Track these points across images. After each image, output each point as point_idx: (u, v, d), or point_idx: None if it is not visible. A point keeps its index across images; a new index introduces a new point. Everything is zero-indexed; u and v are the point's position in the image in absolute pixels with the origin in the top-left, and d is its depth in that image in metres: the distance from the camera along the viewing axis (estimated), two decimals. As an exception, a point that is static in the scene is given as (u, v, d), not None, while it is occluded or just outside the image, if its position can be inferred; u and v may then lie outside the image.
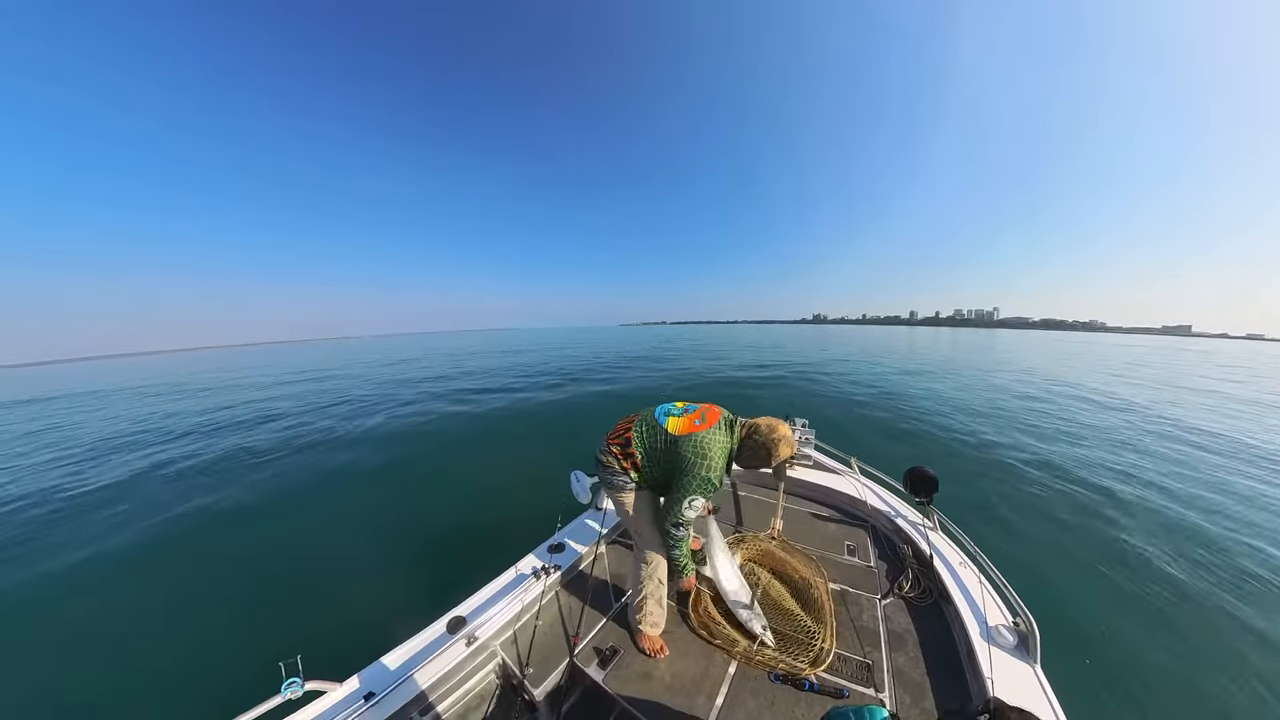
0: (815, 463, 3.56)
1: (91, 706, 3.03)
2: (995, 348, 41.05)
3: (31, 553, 5.20)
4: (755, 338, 58.91)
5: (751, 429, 1.85)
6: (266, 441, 9.76)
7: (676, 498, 1.77)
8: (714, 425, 1.81)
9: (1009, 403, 11.82)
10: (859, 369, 19.53)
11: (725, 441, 1.80)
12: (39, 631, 3.83)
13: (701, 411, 1.87)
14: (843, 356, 26.22)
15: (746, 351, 30.76)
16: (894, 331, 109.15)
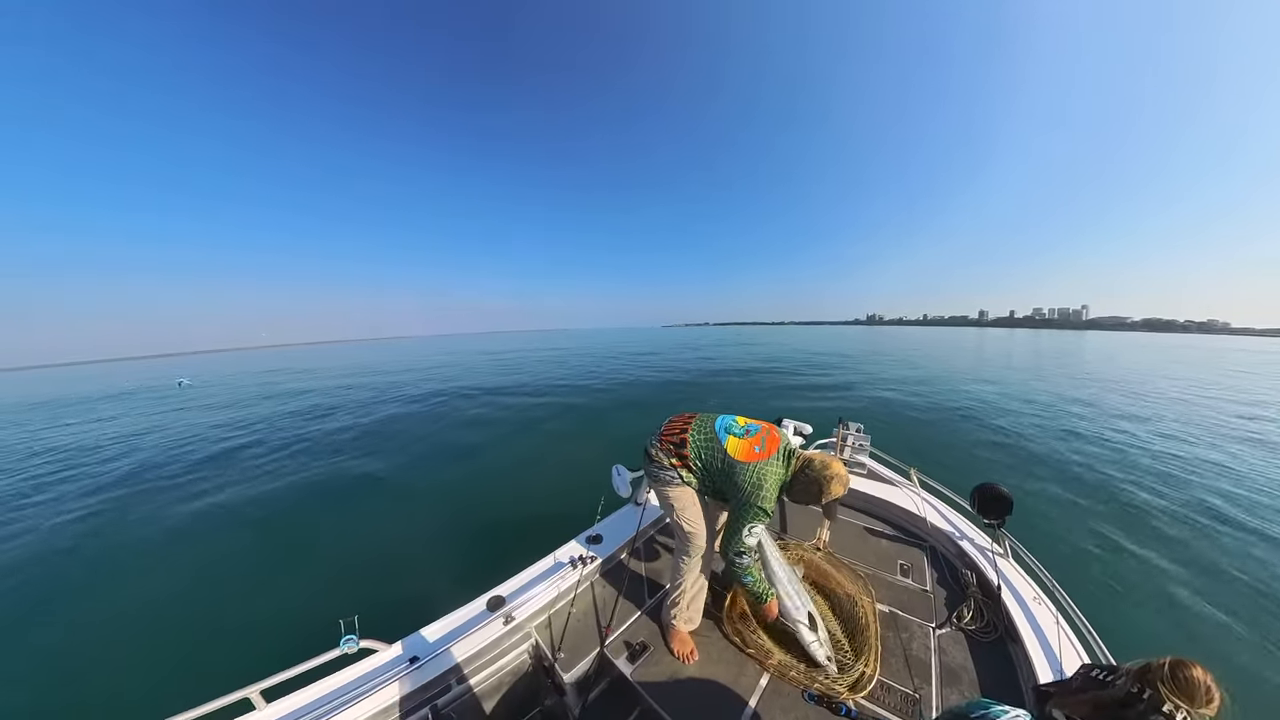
0: (869, 471, 3.26)
1: (214, 614, 3.73)
2: (1080, 352, 36.19)
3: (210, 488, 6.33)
4: (805, 339, 56.26)
5: (806, 463, 1.77)
6: (357, 427, 10.92)
7: (735, 526, 1.73)
8: (773, 455, 1.75)
9: (1096, 419, 10.35)
10: (918, 373, 18.04)
11: (780, 474, 1.75)
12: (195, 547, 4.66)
13: (762, 436, 1.81)
14: (902, 358, 24.42)
15: (797, 354, 29.34)
16: (961, 333, 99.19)
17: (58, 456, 10.21)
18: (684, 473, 1.83)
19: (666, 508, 1.90)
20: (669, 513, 1.89)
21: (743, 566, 1.78)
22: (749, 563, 1.78)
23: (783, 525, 2.76)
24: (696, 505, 1.87)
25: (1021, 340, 66.53)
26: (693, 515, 1.86)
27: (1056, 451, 7.41)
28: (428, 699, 1.64)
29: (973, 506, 2.26)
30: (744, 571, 1.79)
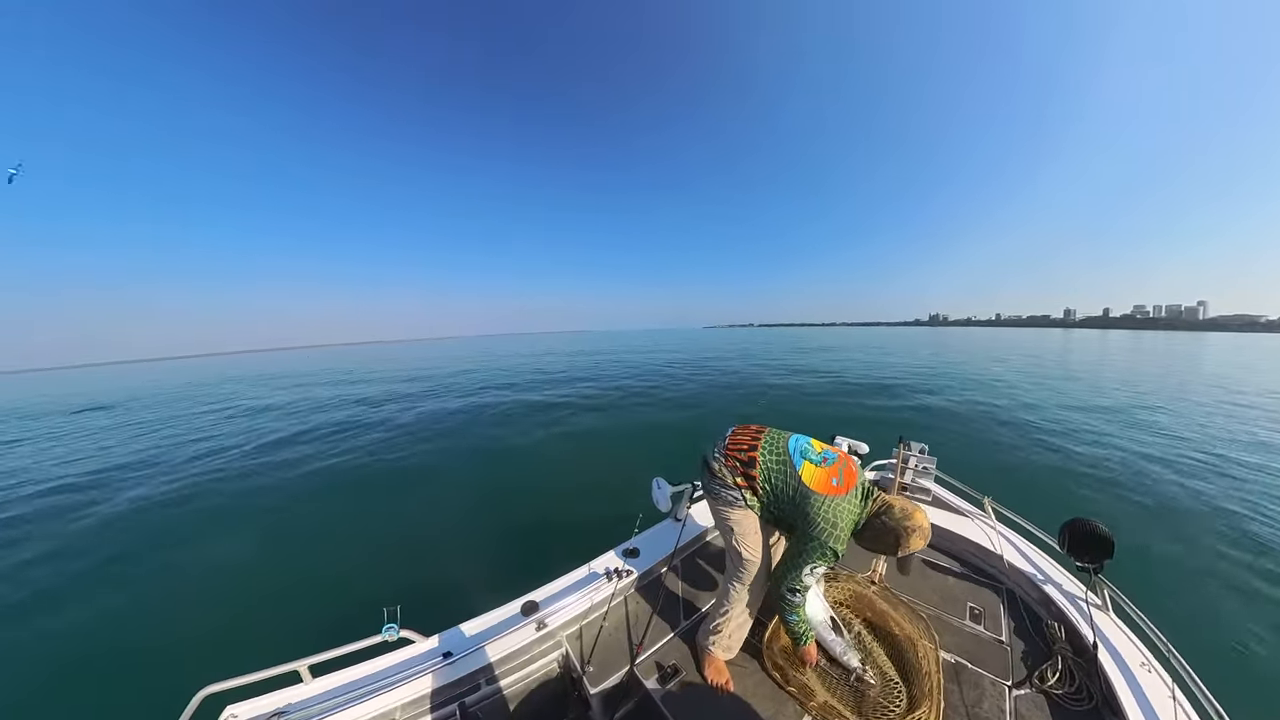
0: (934, 498, 2.92)
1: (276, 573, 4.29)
2: (1201, 357, 30.84)
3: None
4: (860, 342, 52.40)
5: (884, 509, 1.60)
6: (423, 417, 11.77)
7: (797, 562, 1.57)
8: (850, 491, 1.59)
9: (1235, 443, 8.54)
10: (992, 382, 16.13)
11: (856, 513, 1.60)
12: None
13: (839, 468, 1.64)
14: (971, 365, 21.96)
15: (850, 358, 27.26)
16: (1043, 335, 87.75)
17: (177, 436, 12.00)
18: (749, 495, 1.66)
19: (724, 529, 1.75)
20: (726, 535, 1.75)
21: (792, 605, 1.63)
22: (800, 601, 1.63)
23: None
24: (758, 532, 1.72)
25: (1118, 343, 57.22)
26: (753, 543, 1.71)
27: (1173, 484, 6.20)
28: (457, 695, 1.68)
29: (1062, 546, 1.91)
30: (791, 609, 1.64)
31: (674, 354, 34.42)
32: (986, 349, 37.48)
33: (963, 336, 77.81)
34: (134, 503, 6.96)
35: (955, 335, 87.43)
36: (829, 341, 53.69)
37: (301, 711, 1.53)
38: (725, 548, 1.80)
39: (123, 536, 5.74)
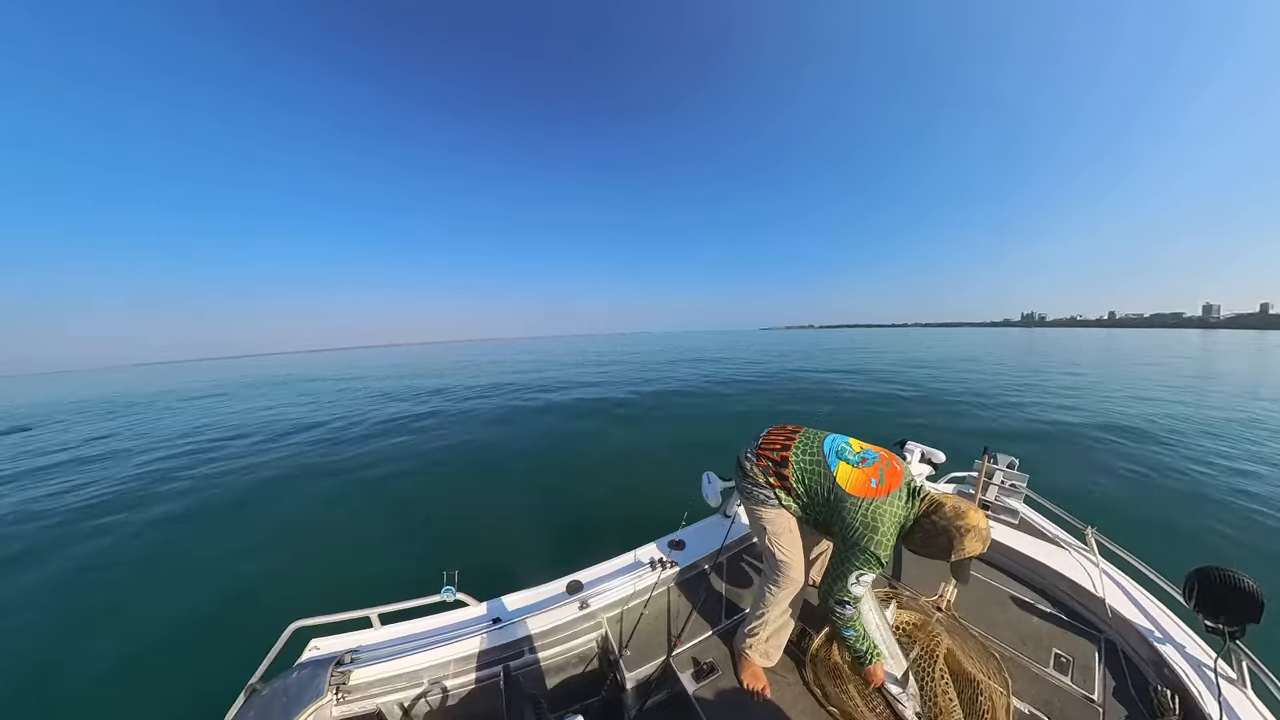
0: (1022, 521, 2.53)
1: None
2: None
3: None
4: (936, 345, 47.05)
5: (933, 507, 1.45)
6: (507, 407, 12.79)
7: (841, 570, 1.48)
8: (893, 492, 1.46)
9: None
10: (1110, 391, 13.52)
11: (901, 516, 1.46)
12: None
13: (880, 467, 1.51)
14: (1078, 372, 18.63)
15: (924, 363, 24.28)
16: (1176, 338, 72.26)
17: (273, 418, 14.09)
18: (782, 495, 1.60)
19: (757, 530, 1.70)
20: (759, 535, 1.70)
21: (845, 618, 1.51)
22: (853, 614, 1.51)
23: (895, 569, 2.28)
24: (793, 532, 1.65)
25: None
26: (787, 543, 1.64)
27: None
28: (503, 659, 1.77)
29: (1188, 599, 1.52)
30: (845, 624, 1.52)
31: (728, 356, 33.57)
32: (1105, 353, 31.92)
33: (1068, 339, 66.73)
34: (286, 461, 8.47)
35: (1057, 338, 74.98)
36: (900, 344, 48.83)
37: (371, 653, 1.72)
38: (761, 549, 1.73)
39: (267, 490, 6.96)
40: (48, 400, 31.30)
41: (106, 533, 5.75)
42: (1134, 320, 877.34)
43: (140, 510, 6.51)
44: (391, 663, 1.68)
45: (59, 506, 6.92)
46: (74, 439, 13.46)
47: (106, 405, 23.39)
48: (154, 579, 4.62)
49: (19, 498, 7.56)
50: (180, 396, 25.14)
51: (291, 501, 6.51)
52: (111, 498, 7.17)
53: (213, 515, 6.15)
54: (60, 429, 16.07)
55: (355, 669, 1.64)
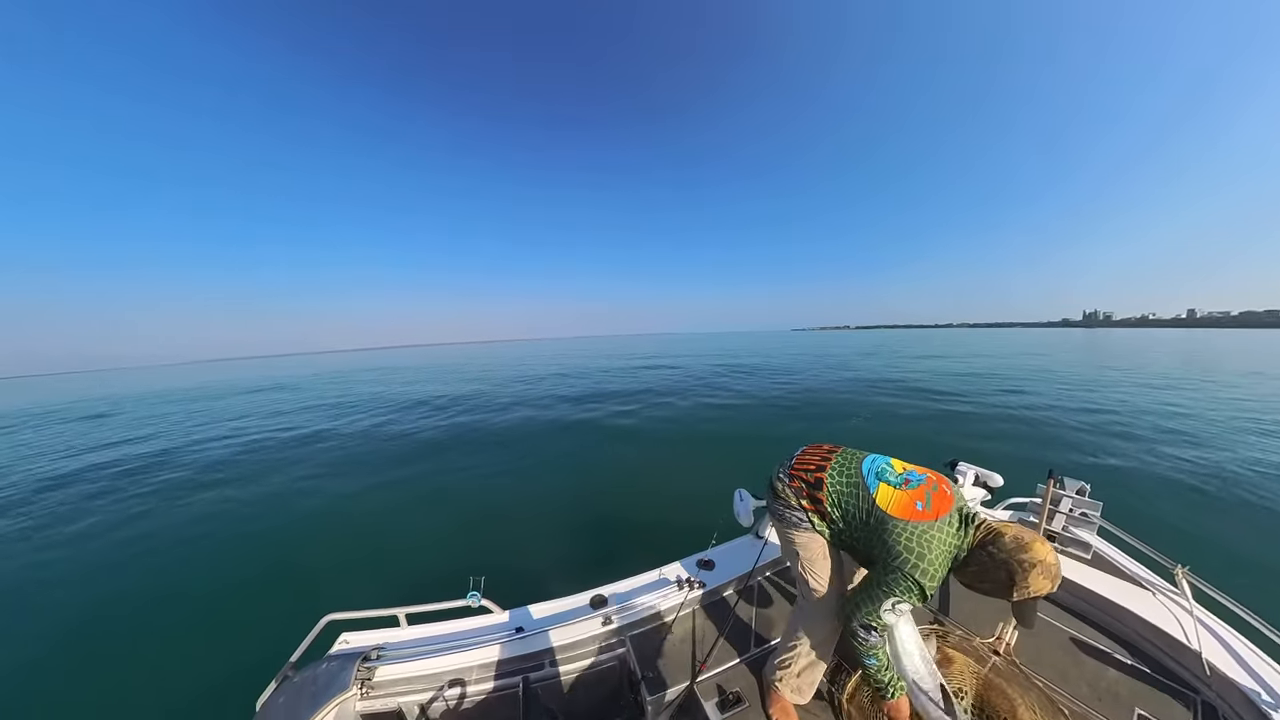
0: (1095, 556, 2.21)
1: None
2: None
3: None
4: (986, 347, 43.00)
5: (992, 537, 1.26)
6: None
7: (875, 593, 1.32)
8: (942, 517, 1.29)
9: None
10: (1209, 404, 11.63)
11: (952, 544, 1.29)
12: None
13: (926, 490, 1.35)
14: (1167, 381, 16.09)
15: (973, 369, 21.80)
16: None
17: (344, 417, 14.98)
18: (815, 519, 1.47)
19: (789, 554, 1.57)
20: (791, 560, 1.57)
21: (868, 645, 1.36)
22: (878, 642, 1.36)
23: (943, 602, 2.05)
24: (828, 559, 1.51)
25: None
26: (822, 570, 1.50)
27: None
28: (523, 669, 1.74)
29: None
30: (868, 651, 1.37)
31: (759, 360, 32.61)
32: (1189, 356, 27.75)
33: (1140, 341, 59.81)
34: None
35: (1128, 339, 66.82)
36: (943, 347, 45.52)
37: (396, 651, 1.74)
38: (794, 575, 1.59)
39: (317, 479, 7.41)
40: (129, 392, 35.30)
41: (165, 511, 6.40)
42: (1218, 319, 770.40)
43: (194, 492, 7.19)
44: (415, 663, 1.69)
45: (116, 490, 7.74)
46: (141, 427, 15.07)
47: (160, 398, 26.01)
48: (216, 554, 5.05)
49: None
50: (236, 390, 27.59)
51: (336, 492, 6.91)
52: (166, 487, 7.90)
53: (268, 501, 6.64)
54: (137, 417, 17.99)
55: (380, 665, 1.66)
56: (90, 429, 15.53)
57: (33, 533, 5.98)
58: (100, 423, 16.90)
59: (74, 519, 6.38)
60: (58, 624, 3.92)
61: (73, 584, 4.63)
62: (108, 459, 10.20)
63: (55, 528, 6.11)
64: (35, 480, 8.78)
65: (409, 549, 5.03)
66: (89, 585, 4.57)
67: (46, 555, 5.26)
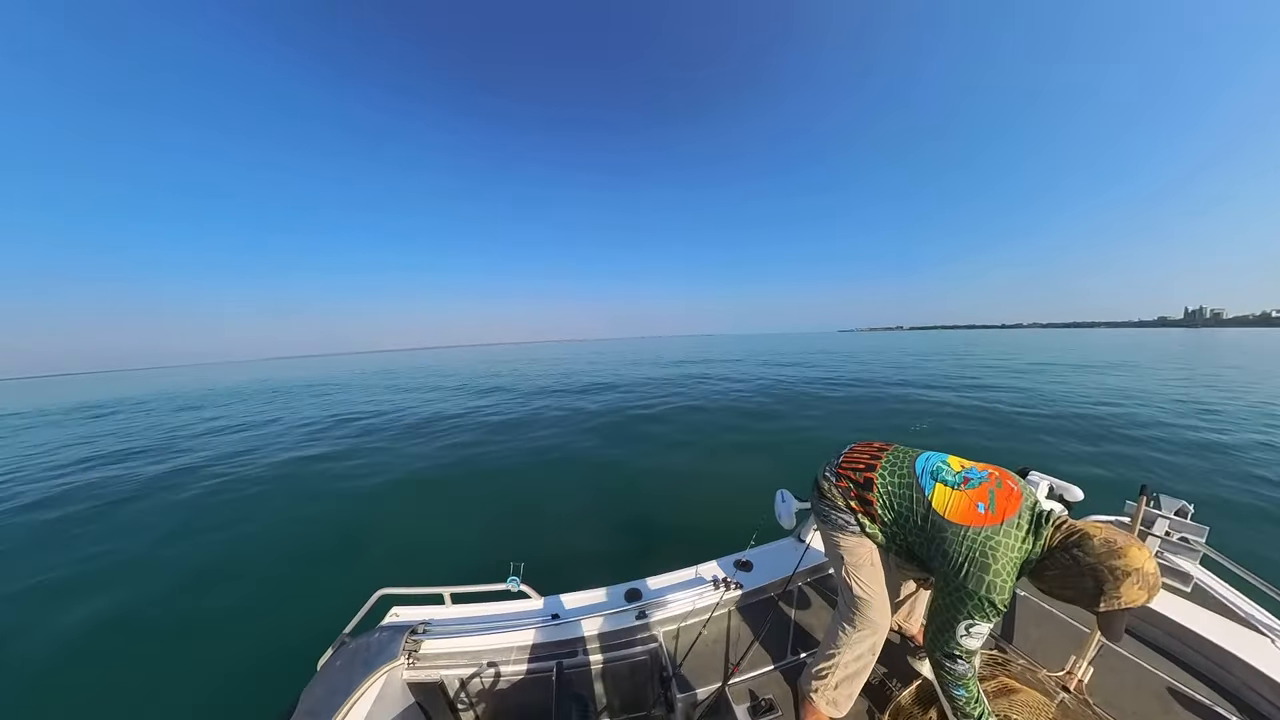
0: (1196, 588, 1.88)
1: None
2: None
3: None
4: (1067, 350, 37.13)
5: (1078, 538, 1.08)
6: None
7: (948, 619, 1.19)
8: (1009, 519, 1.14)
9: None
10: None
11: (1023, 548, 1.13)
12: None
13: (989, 489, 1.20)
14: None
15: (1051, 376, 18.90)
16: None
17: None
18: (865, 521, 1.36)
19: (834, 558, 1.47)
20: (836, 565, 1.47)
21: (956, 675, 1.23)
22: (967, 671, 1.22)
23: (1006, 627, 1.83)
24: (876, 565, 1.41)
25: None
26: (868, 577, 1.40)
27: None
28: (557, 655, 1.77)
29: None
30: (956, 681, 1.24)
31: (803, 361, 31.31)
32: None
33: (1267, 342, 49.89)
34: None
35: (1244, 341, 55.35)
36: (1013, 350, 40.97)
37: (440, 627, 1.85)
38: (837, 581, 1.49)
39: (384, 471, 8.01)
40: (223, 386, 39.99)
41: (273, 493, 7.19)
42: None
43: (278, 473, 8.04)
44: (457, 639, 1.79)
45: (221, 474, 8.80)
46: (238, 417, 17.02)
47: (234, 393, 29.06)
48: (293, 529, 5.63)
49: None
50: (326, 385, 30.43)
51: (394, 476, 7.47)
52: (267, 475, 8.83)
53: (338, 483, 7.31)
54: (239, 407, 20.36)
55: (426, 639, 1.77)
56: (204, 416, 17.74)
57: (203, 499, 6.91)
58: (200, 412, 19.06)
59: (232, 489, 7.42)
60: (187, 571, 4.65)
61: (209, 532, 5.50)
62: (212, 444, 11.66)
63: (229, 493, 7.16)
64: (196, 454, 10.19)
65: (455, 532, 5.30)
66: (218, 535, 5.43)
67: (198, 526, 6.07)
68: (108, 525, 6.08)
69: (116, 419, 18.64)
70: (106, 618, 3.90)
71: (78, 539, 5.67)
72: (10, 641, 3.67)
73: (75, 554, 5.21)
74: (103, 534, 5.76)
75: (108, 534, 5.75)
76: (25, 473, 9.62)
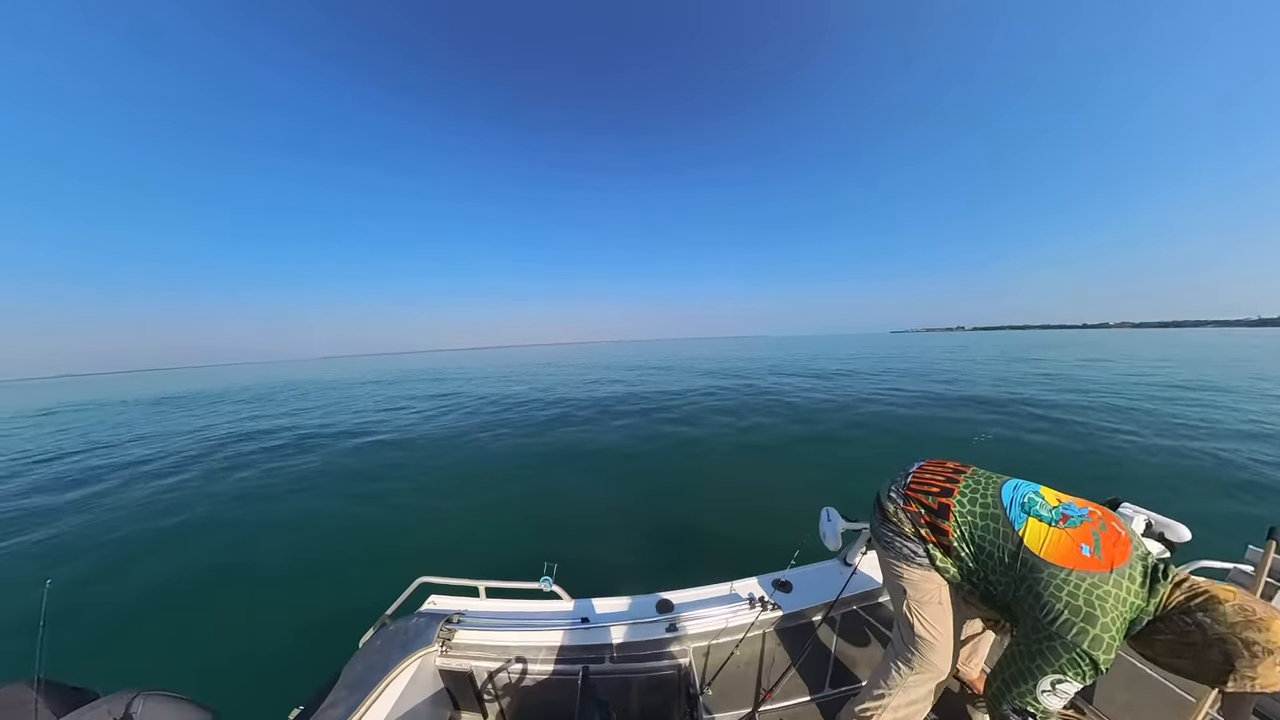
0: None
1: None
2: None
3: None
4: (1176, 355, 30.64)
5: (1203, 602, 0.90)
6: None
7: (1029, 669, 1.00)
8: (1118, 568, 0.96)
9: None
10: None
11: (1134, 603, 0.95)
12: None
13: (1091, 530, 1.01)
14: None
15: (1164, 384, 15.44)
16: None
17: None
18: (938, 553, 1.18)
19: (894, 590, 1.30)
20: (896, 598, 1.30)
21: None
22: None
23: (1086, 686, 1.59)
24: (944, 604, 1.23)
25: None
26: (934, 616, 1.22)
27: None
28: (584, 659, 1.76)
29: None
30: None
31: (856, 364, 29.29)
32: None
33: None
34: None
35: None
36: (1095, 352, 35.38)
37: (474, 619, 1.89)
38: (895, 615, 1.33)
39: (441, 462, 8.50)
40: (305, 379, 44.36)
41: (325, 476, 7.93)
42: None
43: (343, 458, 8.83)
44: (488, 632, 1.82)
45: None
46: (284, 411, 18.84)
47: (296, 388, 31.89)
48: (348, 513, 6.10)
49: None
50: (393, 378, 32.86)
51: (442, 470, 7.89)
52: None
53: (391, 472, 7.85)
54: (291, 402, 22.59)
55: (459, 630, 1.82)
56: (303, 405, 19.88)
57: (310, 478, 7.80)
58: (306, 401, 21.35)
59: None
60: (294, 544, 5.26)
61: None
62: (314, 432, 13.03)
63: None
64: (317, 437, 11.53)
65: (502, 528, 5.40)
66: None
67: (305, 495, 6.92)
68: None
69: (245, 405, 21.46)
70: (215, 564, 4.70)
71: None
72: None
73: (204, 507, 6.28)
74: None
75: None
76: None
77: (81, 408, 27.27)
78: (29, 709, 0.70)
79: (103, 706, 0.76)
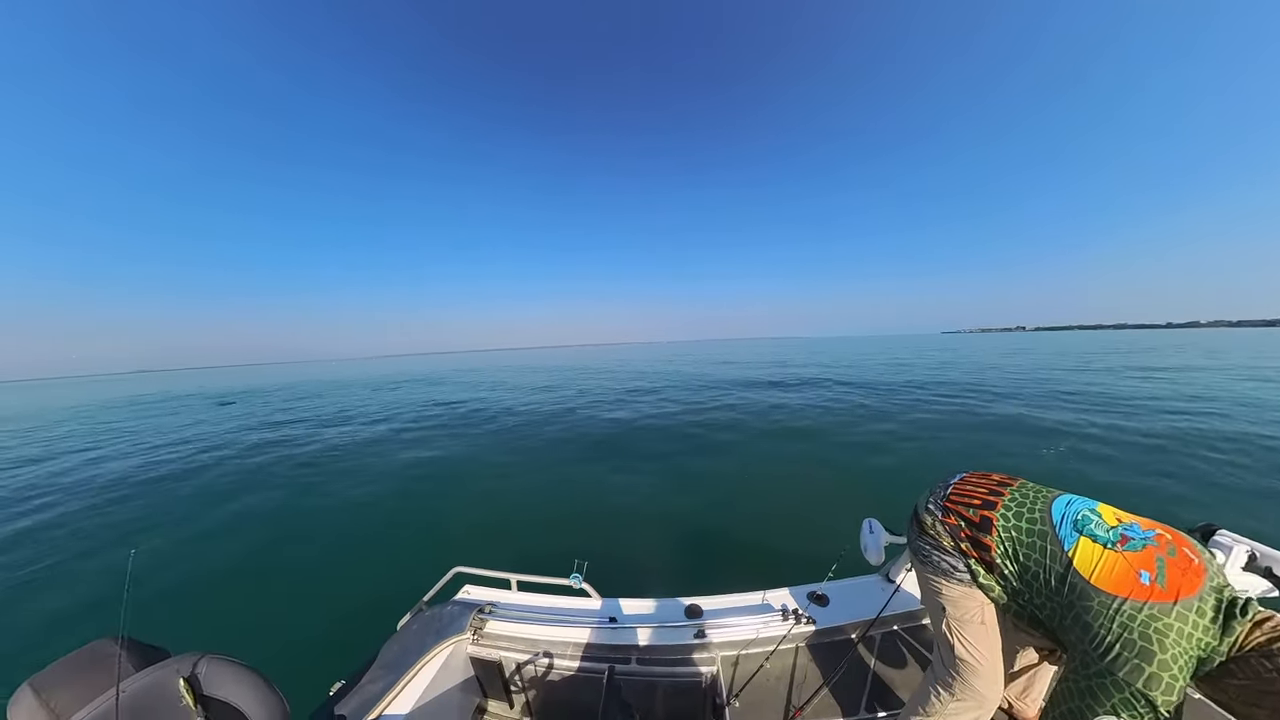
0: None
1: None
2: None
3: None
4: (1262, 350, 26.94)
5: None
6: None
7: (1079, 710, 0.88)
8: (1185, 599, 0.83)
9: None
10: None
11: (1204, 640, 0.82)
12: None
13: (1157, 556, 0.88)
14: None
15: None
16: None
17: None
18: (980, 570, 1.09)
19: (933, 608, 1.22)
20: (935, 617, 1.21)
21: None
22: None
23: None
24: (988, 624, 1.13)
25: None
26: (976, 636, 1.12)
27: None
28: (610, 659, 1.74)
29: None
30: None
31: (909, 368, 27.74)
32: None
33: None
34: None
35: None
36: (1185, 355, 30.77)
37: (505, 611, 1.92)
38: (934, 635, 1.23)
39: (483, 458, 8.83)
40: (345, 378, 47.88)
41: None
42: None
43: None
44: (518, 625, 1.85)
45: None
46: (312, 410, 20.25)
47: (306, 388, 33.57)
48: (388, 504, 6.44)
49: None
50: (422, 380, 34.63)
51: (481, 466, 8.17)
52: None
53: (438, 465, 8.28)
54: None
55: (491, 620, 1.86)
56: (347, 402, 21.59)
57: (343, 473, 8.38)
58: (344, 399, 23.33)
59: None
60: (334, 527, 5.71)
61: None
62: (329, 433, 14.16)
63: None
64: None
65: (529, 523, 5.51)
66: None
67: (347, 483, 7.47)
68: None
69: (327, 398, 23.54)
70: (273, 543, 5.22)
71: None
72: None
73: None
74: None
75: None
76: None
77: (157, 401, 30.77)
78: (114, 661, 0.80)
79: (172, 665, 0.83)
